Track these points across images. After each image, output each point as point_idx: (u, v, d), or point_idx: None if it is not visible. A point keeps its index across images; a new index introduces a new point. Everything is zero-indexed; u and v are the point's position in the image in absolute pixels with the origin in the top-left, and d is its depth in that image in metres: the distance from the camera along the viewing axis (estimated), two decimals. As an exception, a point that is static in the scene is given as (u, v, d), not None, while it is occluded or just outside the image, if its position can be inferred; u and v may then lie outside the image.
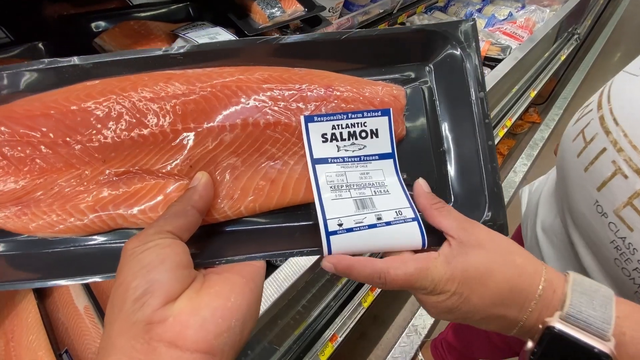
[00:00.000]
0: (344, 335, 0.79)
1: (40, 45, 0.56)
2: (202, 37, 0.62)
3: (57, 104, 0.32)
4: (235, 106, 0.34)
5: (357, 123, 0.35)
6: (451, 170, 0.37)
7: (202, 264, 0.29)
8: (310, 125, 0.34)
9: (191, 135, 0.33)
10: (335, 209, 0.32)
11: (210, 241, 0.33)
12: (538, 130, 1.80)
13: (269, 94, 0.34)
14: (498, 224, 0.35)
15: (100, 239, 0.33)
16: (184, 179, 0.33)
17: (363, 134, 0.35)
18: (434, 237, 0.32)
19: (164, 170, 0.33)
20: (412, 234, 0.31)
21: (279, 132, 0.34)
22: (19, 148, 0.31)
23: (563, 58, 1.77)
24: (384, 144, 0.35)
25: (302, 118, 0.34)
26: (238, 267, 0.28)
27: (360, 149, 0.35)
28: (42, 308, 0.64)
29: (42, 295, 0.68)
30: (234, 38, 0.65)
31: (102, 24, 0.61)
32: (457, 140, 0.38)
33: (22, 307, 0.66)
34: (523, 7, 1.99)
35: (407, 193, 0.34)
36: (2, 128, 0.31)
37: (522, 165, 1.60)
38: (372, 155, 0.35)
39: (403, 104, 0.38)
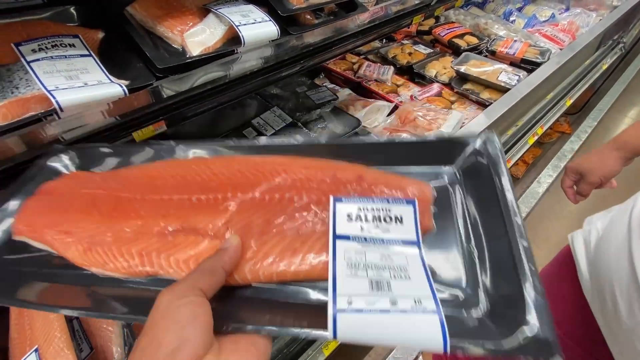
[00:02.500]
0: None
1: (72, 9, 0.55)
2: (234, 13, 0.60)
3: (146, 172, 0.44)
4: (275, 182, 0.41)
5: (382, 208, 0.37)
6: (483, 274, 0.34)
7: (216, 327, 0.29)
8: (338, 204, 0.37)
9: (235, 203, 0.39)
10: (347, 286, 0.31)
11: (223, 303, 0.33)
12: (568, 141, 1.72)
13: (306, 176, 0.40)
14: (545, 342, 0.27)
15: (138, 281, 0.38)
16: (217, 239, 0.37)
17: (387, 219, 0.36)
18: (459, 339, 0.27)
19: (205, 230, 0.38)
20: (431, 330, 0.27)
21: (309, 209, 0.39)
22: (108, 200, 0.42)
23: (605, 67, 1.66)
24: (408, 231, 0.35)
25: (331, 198, 0.37)
26: (253, 338, 0.28)
27: (383, 232, 0.35)
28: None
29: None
30: (266, 16, 0.62)
31: (135, -8, 0.59)
32: (488, 241, 0.36)
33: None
34: (567, 9, 1.87)
35: (432, 282, 0.31)
36: (103, 184, 0.43)
37: (547, 176, 1.53)
38: (395, 240, 0.35)
39: (430, 198, 0.39)
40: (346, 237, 0.35)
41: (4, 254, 0.40)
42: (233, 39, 0.61)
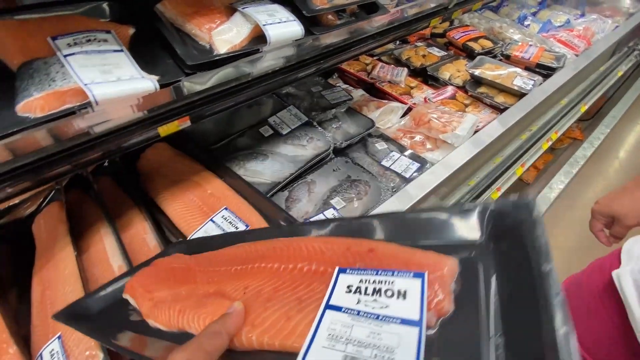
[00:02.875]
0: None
1: (104, 5, 0.56)
2: (261, 12, 0.61)
3: (218, 253, 0.52)
4: (293, 253, 0.43)
5: (385, 281, 0.34)
6: None
7: None
8: (341, 275, 0.36)
9: (255, 271, 0.44)
10: (317, 358, 0.29)
11: None
12: (580, 148, 1.71)
13: (322, 248, 0.42)
14: None
15: (174, 333, 0.42)
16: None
17: (389, 293, 0.33)
18: None
19: (230, 294, 0.42)
20: None
21: (315, 279, 0.39)
22: (183, 271, 0.50)
23: (620, 74, 1.65)
24: (411, 308, 0.31)
25: (336, 269, 0.37)
26: None
27: (381, 308, 0.32)
28: (79, 262, 0.66)
29: (79, 250, 0.70)
30: (291, 16, 0.63)
31: (165, -11, 0.60)
32: (520, 330, 0.29)
33: (60, 258, 0.68)
34: (582, 15, 1.86)
35: None
36: (188, 261, 0.52)
37: (559, 182, 1.52)
38: (392, 317, 0.31)
39: (450, 273, 0.33)
40: (338, 308, 0.33)
41: (114, 306, 0.50)
42: (258, 38, 0.61)
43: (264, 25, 0.58)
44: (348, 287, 0.35)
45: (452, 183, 1.00)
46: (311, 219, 0.83)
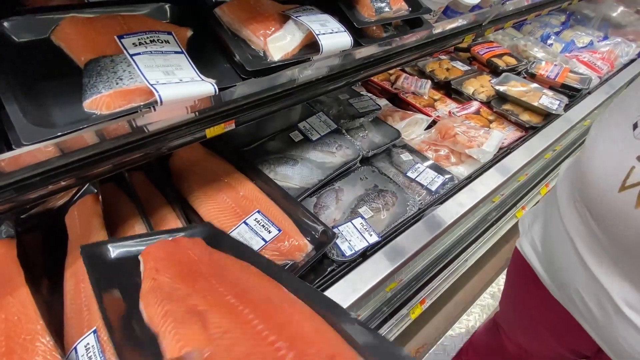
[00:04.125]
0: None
1: (165, 6, 0.57)
2: (314, 22, 0.62)
3: (228, 268, 0.53)
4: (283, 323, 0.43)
5: None
6: None
7: None
8: None
9: (246, 320, 0.43)
10: None
11: None
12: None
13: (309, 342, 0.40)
14: None
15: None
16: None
17: None
18: None
19: (211, 327, 0.42)
20: None
21: None
22: (190, 265, 0.53)
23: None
24: None
25: None
26: None
27: None
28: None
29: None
30: (342, 27, 0.64)
31: (223, -6, 0.61)
32: None
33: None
34: (605, 37, 1.87)
35: None
36: (199, 253, 0.55)
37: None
38: None
39: None
40: None
41: (129, 260, 0.54)
42: (308, 46, 0.62)
43: (317, 34, 0.59)
44: None
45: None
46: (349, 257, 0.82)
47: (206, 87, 0.50)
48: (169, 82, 0.47)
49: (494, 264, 1.52)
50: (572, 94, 1.34)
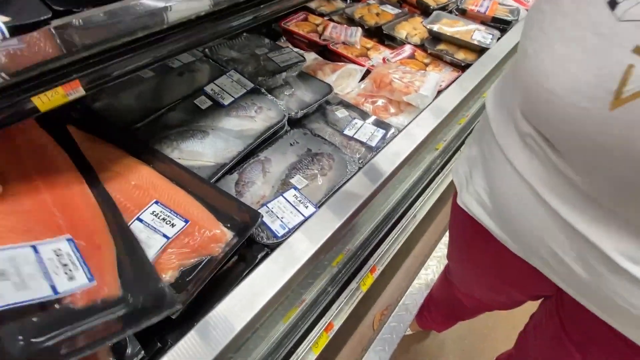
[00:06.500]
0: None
1: None
2: None
3: None
4: None
5: None
6: None
7: None
8: None
9: None
10: None
11: None
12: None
13: None
14: None
15: None
16: None
17: None
18: None
19: None
20: None
21: None
22: None
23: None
24: None
25: None
26: None
27: None
28: None
29: None
30: None
31: None
32: None
33: None
34: (527, -30, 1.84)
35: None
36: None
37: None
38: None
39: None
40: None
41: None
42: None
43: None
44: None
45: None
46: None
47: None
48: None
49: (446, 212, 1.51)
50: (504, 28, 1.29)
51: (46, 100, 0.44)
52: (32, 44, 0.38)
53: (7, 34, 0.34)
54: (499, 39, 1.21)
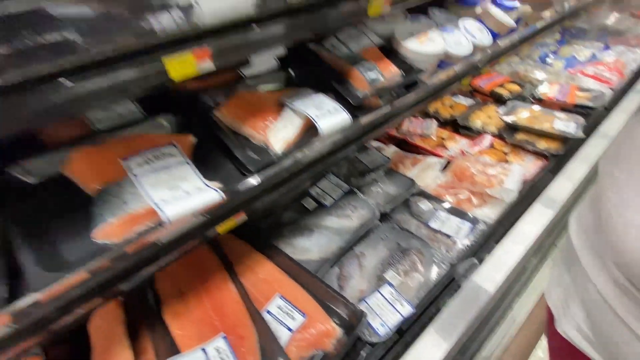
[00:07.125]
0: None
1: (163, 120, 0.60)
2: (309, 106, 0.63)
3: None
4: None
5: None
6: None
7: None
8: None
9: None
10: None
11: None
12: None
13: None
14: None
15: None
16: None
17: None
18: None
19: None
20: None
21: None
22: None
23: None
24: None
25: None
26: None
27: None
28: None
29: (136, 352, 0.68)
30: (338, 105, 0.65)
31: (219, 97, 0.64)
32: None
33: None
34: (607, 47, 1.84)
35: None
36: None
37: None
38: None
39: None
40: None
41: None
42: (309, 130, 0.63)
43: (314, 119, 0.59)
44: None
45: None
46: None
47: (211, 195, 0.50)
48: (173, 198, 0.47)
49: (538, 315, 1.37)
50: (587, 112, 1.29)
51: (224, 227, 0.62)
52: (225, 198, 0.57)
53: (223, 197, 0.52)
54: (584, 125, 1.21)
